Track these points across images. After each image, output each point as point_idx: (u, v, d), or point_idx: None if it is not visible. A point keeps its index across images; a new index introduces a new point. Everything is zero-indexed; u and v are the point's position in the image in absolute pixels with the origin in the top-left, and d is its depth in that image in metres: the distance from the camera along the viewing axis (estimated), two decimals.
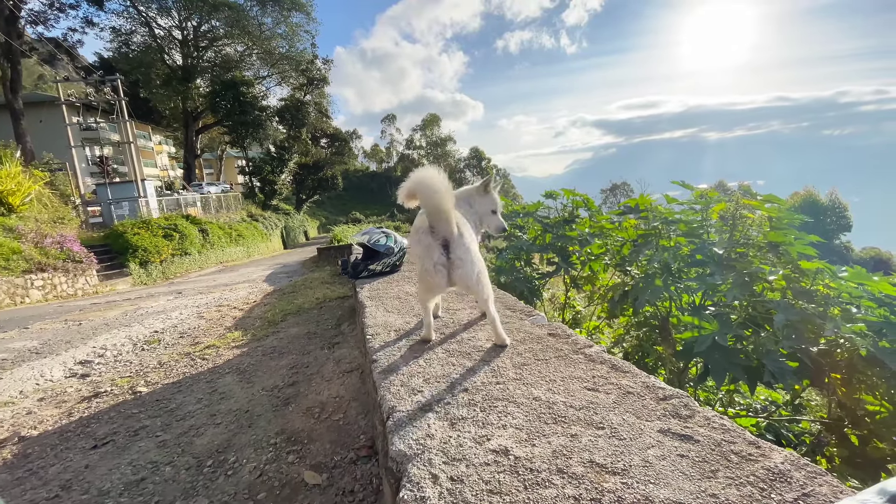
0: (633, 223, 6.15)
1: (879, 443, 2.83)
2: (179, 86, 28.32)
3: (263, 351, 4.28)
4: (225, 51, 30.86)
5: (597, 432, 1.15)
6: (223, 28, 29.59)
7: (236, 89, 26.69)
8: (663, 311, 5.31)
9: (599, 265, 6.31)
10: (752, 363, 4.31)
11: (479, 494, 0.95)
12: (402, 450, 1.14)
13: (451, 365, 1.65)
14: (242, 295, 8.15)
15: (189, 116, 29.90)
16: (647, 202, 5.98)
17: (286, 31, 30.44)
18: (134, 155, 21.05)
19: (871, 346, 3.80)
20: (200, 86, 31.10)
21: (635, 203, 6.03)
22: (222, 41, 30.42)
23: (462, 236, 1.70)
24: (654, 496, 0.91)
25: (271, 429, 2.65)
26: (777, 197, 5.17)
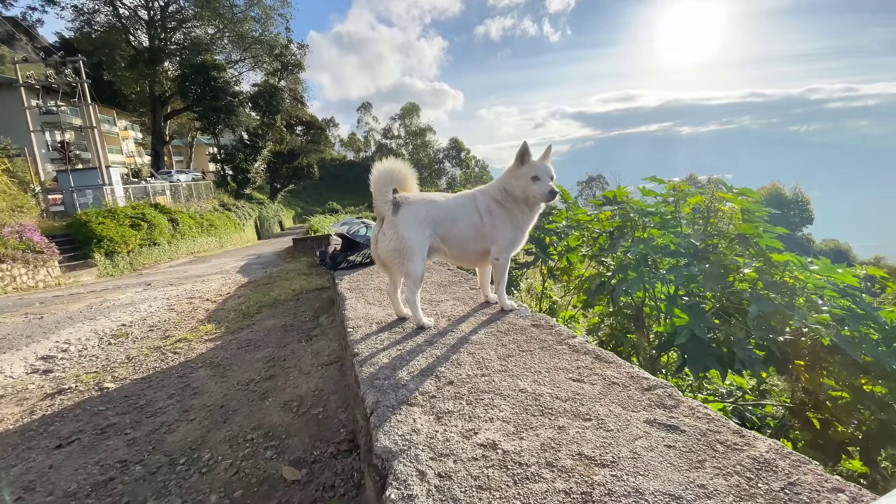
0: (609, 215, 6.24)
1: (840, 426, 2.96)
2: (146, 68, 27.03)
3: (238, 344, 4.17)
4: (194, 33, 29.57)
5: (584, 424, 1.14)
6: (192, 9, 28.30)
7: (207, 73, 25.67)
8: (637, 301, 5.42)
9: (576, 256, 6.38)
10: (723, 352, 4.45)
11: (468, 491, 0.93)
12: (387, 446, 1.11)
13: (436, 357, 1.62)
14: (215, 286, 7.92)
15: (157, 101, 28.61)
16: (623, 194, 6.06)
17: (259, 14, 29.38)
18: (98, 140, 20.02)
19: (834, 335, 3.97)
20: (168, 69, 29.77)
21: (612, 195, 6.11)
22: (191, 23, 29.12)
23: (396, 215, 1.88)
24: (643, 488, 0.90)
25: (248, 424, 2.58)
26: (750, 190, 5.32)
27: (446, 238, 1.97)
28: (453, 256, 2.04)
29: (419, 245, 1.88)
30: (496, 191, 2.00)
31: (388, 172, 1.89)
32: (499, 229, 1.98)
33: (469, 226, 1.98)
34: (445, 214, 1.95)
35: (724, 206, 5.43)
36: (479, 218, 1.97)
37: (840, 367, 3.87)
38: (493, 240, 2.00)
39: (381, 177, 1.87)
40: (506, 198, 1.97)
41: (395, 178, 1.91)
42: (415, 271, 1.88)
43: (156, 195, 21.19)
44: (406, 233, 1.86)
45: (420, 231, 1.89)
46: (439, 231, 1.95)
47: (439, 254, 2.03)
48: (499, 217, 1.97)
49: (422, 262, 1.90)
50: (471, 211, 1.98)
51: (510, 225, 1.99)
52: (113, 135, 31.01)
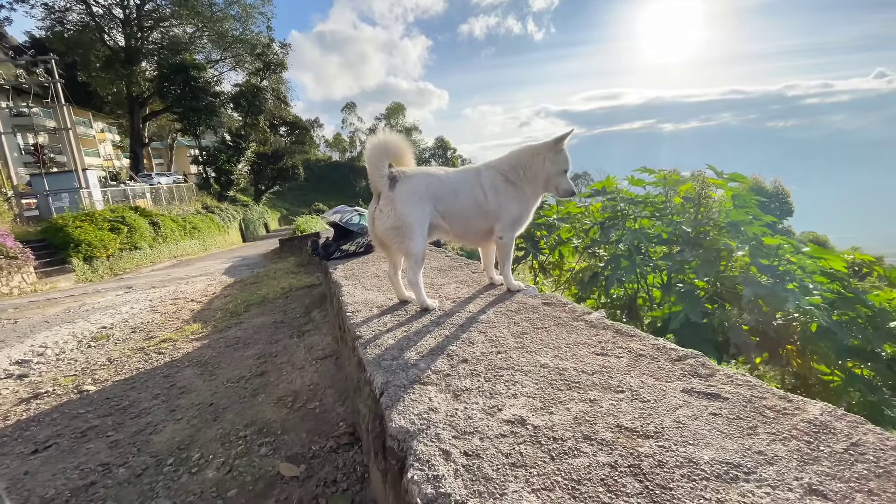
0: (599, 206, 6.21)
1: None
2: (122, 69, 26.27)
3: (226, 342, 4.00)
4: (172, 32, 28.86)
5: (617, 396, 1.05)
6: (169, 7, 27.63)
7: (186, 73, 25.08)
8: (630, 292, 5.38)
9: (568, 249, 6.33)
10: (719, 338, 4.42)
11: (500, 469, 0.83)
12: (403, 426, 0.99)
13: (445, 337, 1.51)
14: (200, 287, 7.68)
15: (135, 102, 27.86)
16: (612, 184, 6.04)
17: (239, 13, 28.82)
18: (73, 143, 19.36)
19: (825, 318, 3.96)
20: (146, 69, 29.02)
21: (602, 186, 6.09)
22: (169, 21, 28.43)
23: (394, 190, 1.76)
24: (696, 458, 0.81)
25: (240, 421, 2.44)
26: (741, 175, 5.30)
27: (447, 215, 1.85)
28: (455, 235, 1.93)
29: (419, 222, 1.76)
30: (508, 167, 1.89)
31: (384, 145, 1.77)
32: (504, 207, 1.87)
33: (472, 202, 1.87)
34: (446, 189, 1.84)
35: (714, 193, 5.43)
36: (483, 194, 1.86)
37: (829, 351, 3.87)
38: (497, 217, 1.89)
39: (375, 150, 1.75)
40: (519, 176, 1.87)
41: (391, 151, 1.79)
42: (415, 250, 1.77)
43: (136, 198, 20.62)
44: (404, 209, 1.74)
45: (419, 207, 1.77)
46: (440, 207, 1.83)
47: (440, 232, 1.92)
48: (505, 194, 1.87)
49: (422, 240, 1.79)
50: (474, 186, 1.87)
51: (517, 203, 1.89)
52: (89, 137, 30.10)
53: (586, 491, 0.75)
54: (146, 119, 29.48)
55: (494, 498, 0.75)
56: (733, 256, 4.45)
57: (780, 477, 0.75)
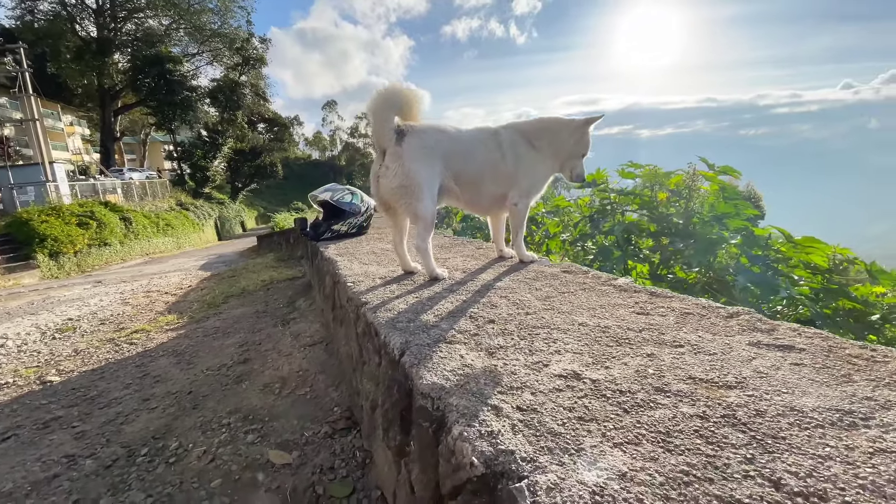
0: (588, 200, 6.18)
1: None
2: (94, 60, 25.19)
3: (205, 332, 3.74)
4: (148, 23, 27.86)
5: (676, 350, 0.92)
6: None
7: (162, 66, 24.24)
8: None
9: (556, 243, 6.27)
10: None
11: (566, 423, 0.68)
12: (436, 382, 0.84)
13: (462, 301, 1.36)
14: (175, 281, 7.31)
15: (106, 95, 26.74)
16: (602, 176, 6.01)
17: (218, 6, 28.02)
18: (40, 135, 18.45)
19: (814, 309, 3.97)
20: (119, 61, 27.91)
21: (592, 178, 6.04)
22: (144, 13, 27.46)
23: (401, 145, 1.59)
24: (798, 405, 0.68)
25: (222, 409, 2.22)
26: (732, 168, 5.32)
27: (459, 177, 1.69)
28: (466, 201, 1.78)
29: (428, 181, 1.60)
30: (532, 130, 1.74)
31: (391, 94, 1.59)
32: (523, 171, 1.73)
33: (487, 164, 1.72)
34: (459, 148, 1.68)
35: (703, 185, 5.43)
36: (502, 156, 1.71)
37: None
38: (514, 182, 1.75)
39: (381, 100, 1.58)
40: (543, 144, 1.73)
41: (399, 102, 1.62)
42: (425, 212, 1.60)
43: (106, 193, 19.79)
44: (413, 165, 1.57)
45: (430, 164, 1.61)
46: (451, 168, 1.67)
47: (450, 197, 1.76)
48: (526, 158, 1.72)
49: (432, 202, 1.63)
50: (490, 147, 1.72)
51: (538, 169, 1.75)
52: (57, 130, 28.75)
53: (681, 444, 0.61)
54: (118, 112, 28.36)
55: (570, 454, 0.61)
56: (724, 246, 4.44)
57: None
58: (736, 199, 4.58)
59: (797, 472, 0.54)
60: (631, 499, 0.51)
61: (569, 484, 0.54)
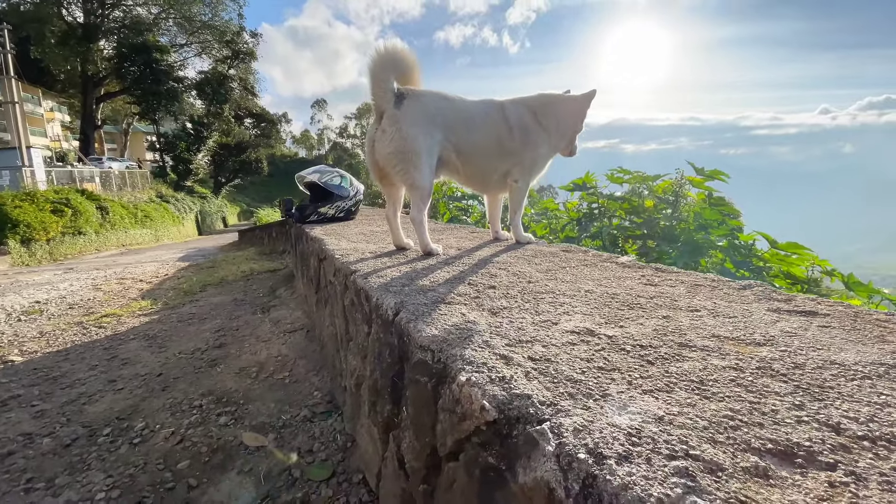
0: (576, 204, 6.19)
1: None
2: (79, 46, 24.50)
3: (179, 318, 3.57)
4: (136, 11, 27.29)
5: (694, 314, 0.86)
6: None
7: (148, 54, 23.71)
8: None
9: None
10: None
11: (587, 372, 0.60)
12: (437, 335, 0.75)
13: (460, 272, 1.28)
14: (151, 269, 7.05)
15: (89, 81, 26.00)
16: (591, 180, 6.03)
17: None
18: (18, 118, 17.79)
19: None
20: (105, 48, 27.24)
21: (582, 181, 6.06)
22: (133, 0, 26.89)
23: (400, 108, 1.50)
24: (838, 360, 0.62)
25: (194, 391, 2.09)
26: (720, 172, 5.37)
27: (461, 149, 1.61)
28: (466, 176, 1.70)
29: (427, 149, 1.52)
30: (540, 106, 1.67)
31: (391, 55, 1.50)
32: (528, 147, 1.66)
33: (492, 138, 1.64)
34: (461, 118, 1.60)
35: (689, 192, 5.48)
36: (508, 130, 1.63)
37: None
38: (518, 159, 1.68)
39: (381, 60, 1.49)
40: (551, 121, 1.67)
41: (399, 64, 1.54)
42: (422, 182, 1.52)
43: (84, 181, 19.15)
44: (411, 130, 1.49)
45: (429, 131, 1.52)
46: (453, 139, 1.59)
47: (449, 170, 1.68)
48: (534, 133, 1.65)
49: (430, 171, 1.55)
50: (496, 121, 1.64)
51: (543, 146, 1.68)
52: (37, 115, 27.81)
53: (719, 391, 0.54)
54: (100, 100, 27.61)
55: (594, 399, 0.53)
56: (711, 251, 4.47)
57: None
58: (722, 205, 4.62)
59: (857, 417, 0.48)
60: (674, 440, 0.44)
61: (599, 426, 0.47)
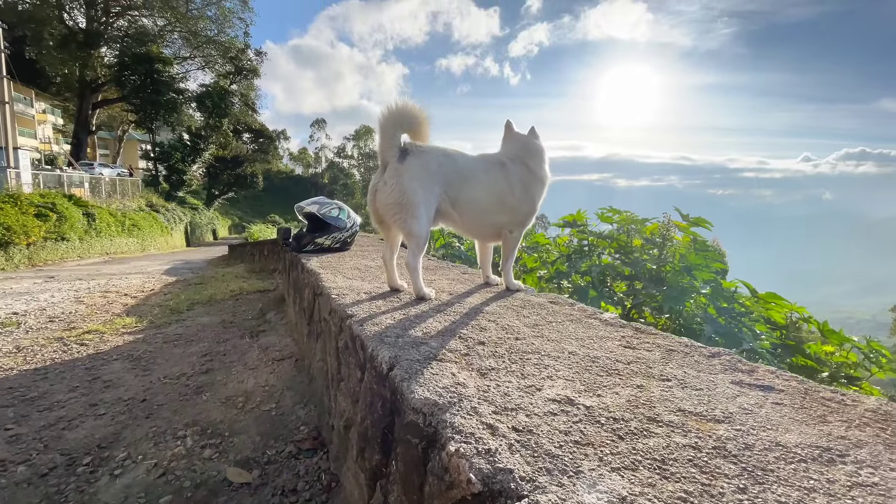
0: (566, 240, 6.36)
1: None
2: (79, 51, 24.68)
3: (165, 338, 3.56)
4: (141, 22, 27.71)
5: (665, 384, 0.94)
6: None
7: (151, 65, 23.94)
8: None
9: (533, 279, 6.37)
10: None
11: (564, 447, 0.68)
12: (429, 398, 0.82)
13: (451, 322, 1.35)
14: (136, 283, 6.98)
15: (86, 87, 26.08)
16: (582, 218, 6.21)
17: (217, 14, 28.25)
18: (8, 118, 17.70)
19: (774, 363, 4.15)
20: (106, 55, 27.46)
21: (573, 218, 6.24)
22: (139, 11, 27.31)
23: (403, 163, 1.61)
24: (784, 442, 0.70)
25: (178, 420, 2.09)
26: (705, 220, 5.58)
27: (459, 203, 1.71)
28: (464, 227, 1.79)
29: (425, 201, 1.62)
30: (536, 163, 1.80)
31: (401, 112, 1.63)
32: (527, 201, 1.77)
33: (494, 195, 1.74)
34: (462, 175, 1.71)
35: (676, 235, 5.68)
36: (510, 189, 1.74)
37: None
38: (516, 213, 1.79)
39: (391, 116, 1.61)
40: (537, 163, 1.80)
41: (408, 120, 1.66)
42: (419, 230, 1.61)
43: (72, 186, 18.96)
44: (411, 184, 1.59)
45: (428, 186, 1.63)
46: (451, 193, 1.69)
47: (448, 221, 1.77)
48: (532, 188, 1.77)
49: (427, 221, 1.64)
50: (498, 179, 1.74)
51: (538, 198, 1.81)
52: (28, 117, 27.71)
53: (677, 472, 0.62)
54: (96, 106, 27.64)
55: (569, 475, 0.60)
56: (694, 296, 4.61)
57: (875, 458, 0.66)
58: (706, 251, 4.80)
59: (787, 502, 0.56)
60: None
61: None
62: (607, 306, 4.88)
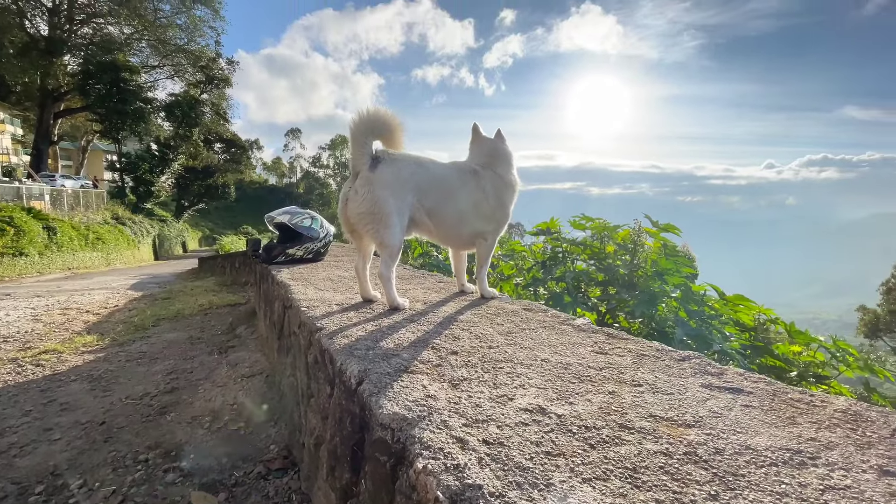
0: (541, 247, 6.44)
1: None
2: (40, 59, 23.72)
3: (128, 356, 3.39)
4: (107, 29, 26.89)
5: (636, 389, 0.93)
6: (108, 4, 25.84)
7: (117, 73, 23.22)
8: None
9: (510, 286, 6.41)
10: None
11: (535, 458, 0.66)
12: (397, 412, 0.79)
13: (424, 332, 1.33)
14: (99, 299, 6.67)
15: (48, 96, 25.06)
16: (555, 225, 6.30)
17: (187, 23, 27.70)
18: None
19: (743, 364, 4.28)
20: (69, 63, 26.51)
21: (547, 226, 6.32)
22: (105, 19, 26.52)
23: (374, 171, 1.58)
24: (754, 445, 0.70)
25: (140, 443, 1.98)
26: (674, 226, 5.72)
27: (435, 213, 1.69)
28: (438, 235, 1.77)
29: (398, 211, 1.59)
30: (505, 169, 1.80)
31: (373, 119, 1.60)
32: (501, 208, 1.77)
33: (469, 204, 1.72)
34: (436, 184, 1.69)
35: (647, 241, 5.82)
36: (485, 197, 1.73)
37: None
38: (491, 221, 1.78)
39: (362, 123, 1.58)
40: (506, 169, 1.80)
41: (380, 127, 1.63)
42: (392, 241, 1.58)
43: (31, 199, 18.10)
44: (382, 193, 1.56)
45: (400, 195, 1.60)
46: (426, 202, 1.67)
47: (422, 230, 1.75)
48: (504, 194, 1.78)
49: (401, 231, 1.61)
50: (471, 187, 1.73)
51: (509, 203, 1.81)
52: None
53: (649, 480, 0.61)
54: (59, 115, 26.58)
55: (539, 489, 0.58)
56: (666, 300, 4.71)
57: (846, 460, 0.66)
58: (676, 256, 4.92)
59: None
60: None
61: None
62: (582, 312, 4.94)
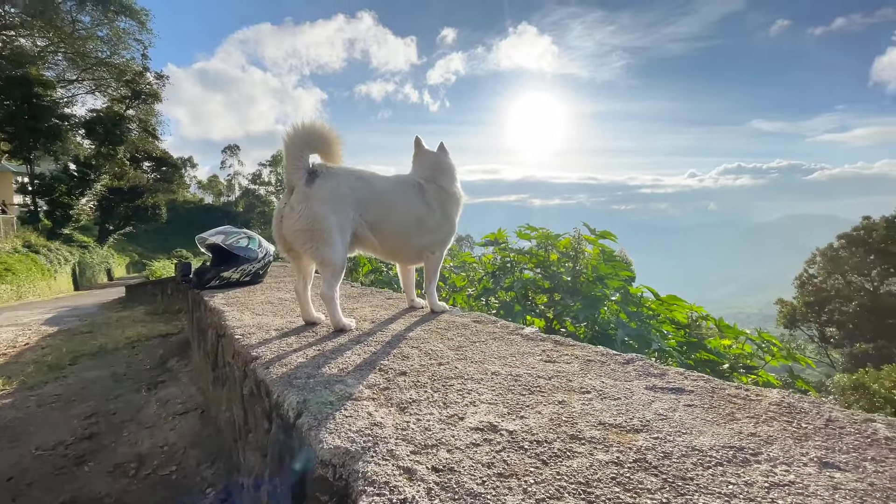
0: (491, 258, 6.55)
1: None
2: None
3: (40, 401, 3.01)
4: (18, 42, 24.52)
5: (585, 396, 0.93)
6: (19, 16, 23.60)
7: (29, 88, 21.10)
8: None
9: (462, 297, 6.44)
10: None
11: (486, 482, 0.62)
12: (340, 445, 0.73)
13: (372, 353, 1.26)
14: (7, 337, 5.92)
15: None
16: (503, 236, 6.43)
17: (109, 35, 25.89)
18: None
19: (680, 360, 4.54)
20: None
21: (494, 237, 6.44)
22: (17, 30, 24.18)
23: (311, 186, 1.51)
24: (699, 445, 0.71)
25: (52, 500, 1.74)
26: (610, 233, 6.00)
27: (378, 227, 1.63)
28: (384, 251, 1.71)
29: (338, 227, 1.52)
30: (448, 182, 1.77)
31: (309, 132, 1.52)
32: (447, 221, 1.75)
33: (412, 218, 1.68)
34: (379, 198, 1.63)
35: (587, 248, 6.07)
36: (429, 210, 1.69)
37: None
38: (437, 233, 1.75)
39: (297, 136, 1.50)
40: (449, 182, 1.78)
41: (316, 140, 1.56)
42: (333, 258, 1.51)
43: None
44: (321, 208, 1.48)
45: (341, 210, 1.53)
46: (368, 217, 1.61)
47: (365, 246, 1.68)
48: (449, 206, 1.75)
49: (343, 248, 1.54)
50: (415, 201, 1.69)
51: (455, 215, 1.79)
52: None
53: (602, 493, 0.59)
54: None
55: None
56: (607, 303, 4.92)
57: (787, 454, 0.69)
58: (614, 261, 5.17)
59: None
60: None
61: None
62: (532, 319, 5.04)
